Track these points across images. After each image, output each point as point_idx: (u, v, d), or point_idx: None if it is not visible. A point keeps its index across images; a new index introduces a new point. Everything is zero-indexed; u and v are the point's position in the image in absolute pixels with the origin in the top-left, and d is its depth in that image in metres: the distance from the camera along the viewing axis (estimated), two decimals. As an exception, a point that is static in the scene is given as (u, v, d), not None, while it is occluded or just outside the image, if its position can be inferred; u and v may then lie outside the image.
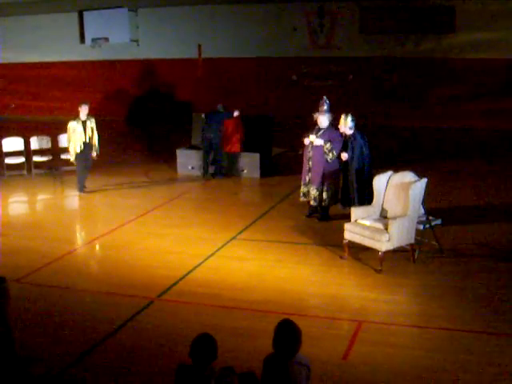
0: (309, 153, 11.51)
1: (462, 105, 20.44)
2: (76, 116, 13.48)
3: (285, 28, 22.50)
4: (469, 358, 6.82)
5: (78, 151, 13.41)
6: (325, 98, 11.57)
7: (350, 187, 11.61)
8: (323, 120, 11.40)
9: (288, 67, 22.79)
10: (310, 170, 11.55)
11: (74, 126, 13.35)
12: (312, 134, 11.49)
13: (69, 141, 13.50)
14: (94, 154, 13.71)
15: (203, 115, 15.34)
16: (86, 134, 13.39)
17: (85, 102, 13.57)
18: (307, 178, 11.59)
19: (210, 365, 4.84)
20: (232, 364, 5.47)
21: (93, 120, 13.59)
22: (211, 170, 15.19)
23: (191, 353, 4.86)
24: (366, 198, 10.96)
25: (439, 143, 18.80)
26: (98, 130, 13.72)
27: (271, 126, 15.70)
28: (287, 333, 5.08)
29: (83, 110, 13.42)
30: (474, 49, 20.13)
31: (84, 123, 13.41)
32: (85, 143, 13.43)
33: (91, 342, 7.33)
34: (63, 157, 15.44)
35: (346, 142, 11.44)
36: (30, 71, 25.29)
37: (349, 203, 11.40)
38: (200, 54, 20.49)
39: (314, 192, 11.49)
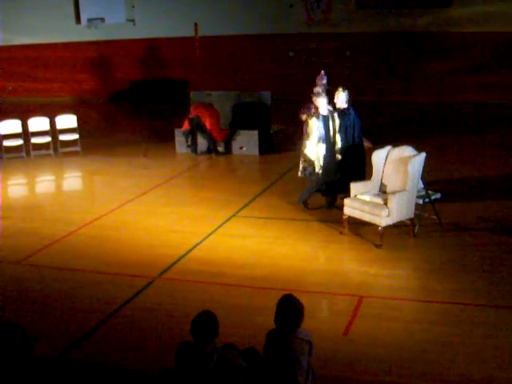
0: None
1: (460, 78, 20.33)
2: (315, 112, 10.60)
3: (282, 4, 22.33)
4: (469, 331, 6.86)
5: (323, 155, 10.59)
6: (323, 72, 11.35)
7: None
8: (322, 103, 10.65)
9: (285, 44, 22.65)
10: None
11: (315, 125, 10.47)
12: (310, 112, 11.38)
13: (307, 144, 10.66)
14: (339, 157, 10.66)
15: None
16: (329, 133, 10.53)
17: (318, 93, 10.86)
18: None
19: (211, 342, 4.85)
20: (234, 341, 5.51)
21: (335, 115, 10.60)
22: (204, 147, 15.07)
23: (192, 330, 4.88)
24: (356, 173, 10.74)
25: (437, 117, 18.73)
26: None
27: (269, 103, 15.65)
28: (289, 307, 5.11)
29: (321, 103, 10.57)
30: (471, 22, 19.97)
31: (326, 119, 10.54)
32: (328, 145, 10.56)
33: (93, 322, 7.37)
34: (62, 138, 15.38)
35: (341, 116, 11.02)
36: (27, 52, 25.09)
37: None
38: (196, 33, 20.38)
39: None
